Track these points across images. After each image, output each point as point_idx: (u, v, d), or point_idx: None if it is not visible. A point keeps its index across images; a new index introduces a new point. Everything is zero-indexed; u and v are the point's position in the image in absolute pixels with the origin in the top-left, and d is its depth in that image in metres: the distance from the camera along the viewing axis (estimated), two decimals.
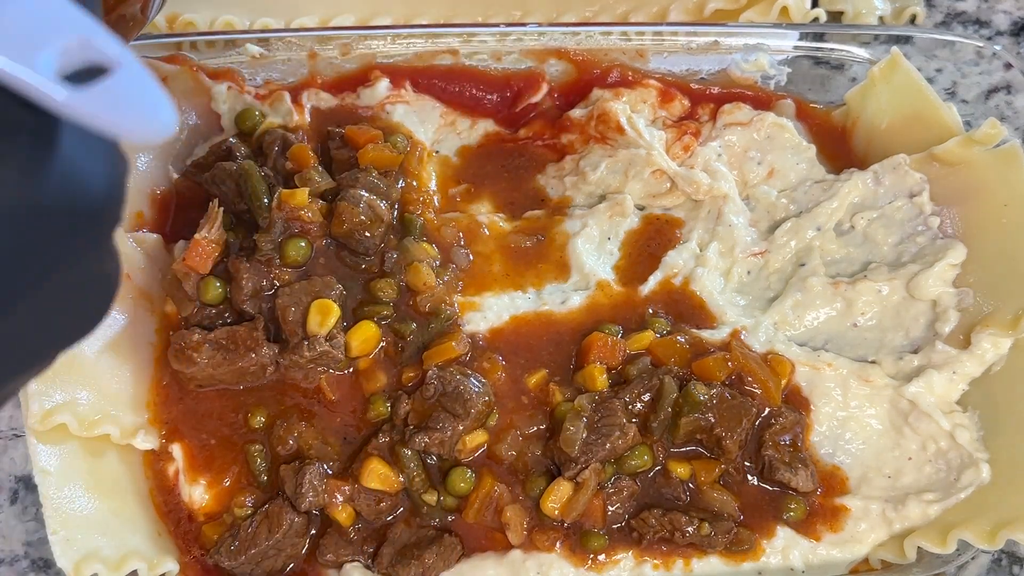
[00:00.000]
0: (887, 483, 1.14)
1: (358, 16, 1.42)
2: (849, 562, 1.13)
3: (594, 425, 1.09)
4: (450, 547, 1.08)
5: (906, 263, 1.21)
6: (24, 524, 1.20)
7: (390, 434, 1.11)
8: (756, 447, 1.13)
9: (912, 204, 1.24)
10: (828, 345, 1.21)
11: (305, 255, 1.14)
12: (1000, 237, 1.20)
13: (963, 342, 1.17)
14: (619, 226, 1.27)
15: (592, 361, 1.14)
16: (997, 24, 1.50)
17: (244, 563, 1.08)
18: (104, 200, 0.56)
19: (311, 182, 1.16)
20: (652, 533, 1.09)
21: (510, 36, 1.29)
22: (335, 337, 1.10)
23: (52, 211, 0.53)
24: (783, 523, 1.13)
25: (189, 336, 1.10)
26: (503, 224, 1.26)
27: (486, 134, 1.33)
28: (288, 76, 1.29)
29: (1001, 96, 1.38)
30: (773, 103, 1.33)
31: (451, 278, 1.19)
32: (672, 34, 1.31)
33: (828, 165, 1.31)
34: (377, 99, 1.28)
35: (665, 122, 1.32)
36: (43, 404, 1.06)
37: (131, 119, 0.54)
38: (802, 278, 1.22)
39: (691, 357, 1.15)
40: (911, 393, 1.14)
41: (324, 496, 1.08)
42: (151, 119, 0.54)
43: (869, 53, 1.33)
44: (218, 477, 1.13)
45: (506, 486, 1.10)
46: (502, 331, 1.18)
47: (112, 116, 0.53)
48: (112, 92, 0.54)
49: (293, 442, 1.12)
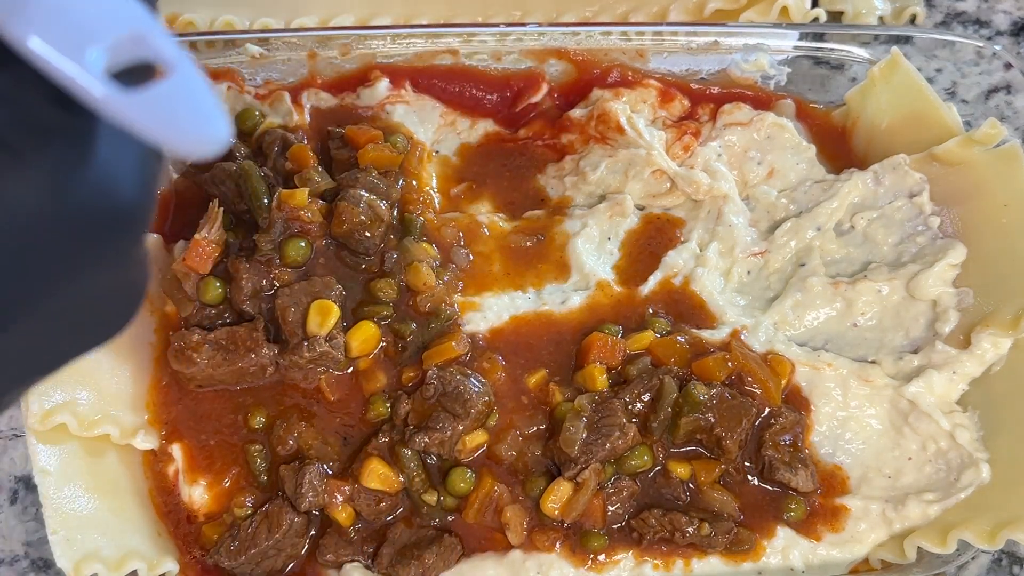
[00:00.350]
0: (887, 483, 1.14)
1: (358, 16, 1.42)
2: (849, 562, 1.13)
3: (594, 425, 1.09)
4: (450, 547, 1.08)
5: (906, 263, 1.21)
6: (24, 524, 1.20)
7: (390, 434, 1.11)
8: (756, 447, 1.13)
9: (912, 204, 1.24)
10: (828, 345, 1.21)
11: (305, 255, 1.14)
12: (1000, 237, 1.20)
13: (963, 342, 1.17)
14: (619, 226, 1.27)
15: (592, 361, 1.14)
16: (997, 24, 1.50)
17: (244, 563, 1.08)
18: (134, 208, 0.54)
19: (311, 182, 1.15)
20: (652, 533, 1.09)
21: (510, 36, 1.29)
22: (335, 338, 1.10)
23: (79, 218, 0.51)
24: (783, 523, 1.13)
25: (189, 336, 1.10)
26: (503, 224, 1.26)
27: (486, 134, 1.33)
28: (288, 76, 1.29)
29: (1001, 96, 1.38)
30: (773, 103, 1.33)
31: (451, 278, 1.19)
32: (672, 34, 1.31)
33: (828, 165, 1.31)
34: (377, 99, 1.28)
35: (665, 122, 1.32)
36: (43, 404, 1.06)
37: (181, 130, 0.50)
38: (802, 278, 1.22)
39: (691, 357, 1.15)
40: (911, 393, 1.14)
41: (324, 496, 1.08)
42: (202, 131, 0.51)
43: (869, 53, 1.33)
44: (218, 477, 1.13)
45: (506, 486, 1.10)
46: (502, 331, 1.18)
47: (160, 124, 0.50)
48: (164, 98, 0.50)
49: (293, 442, 1.12)
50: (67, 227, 0.51)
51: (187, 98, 0.51)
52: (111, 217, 0.53)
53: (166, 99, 0.50)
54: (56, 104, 0.50)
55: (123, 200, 0.53)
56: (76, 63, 0.48)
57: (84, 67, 0.48)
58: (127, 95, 0.49)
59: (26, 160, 0.49)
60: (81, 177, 0.50)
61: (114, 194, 0.52)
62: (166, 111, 0.50)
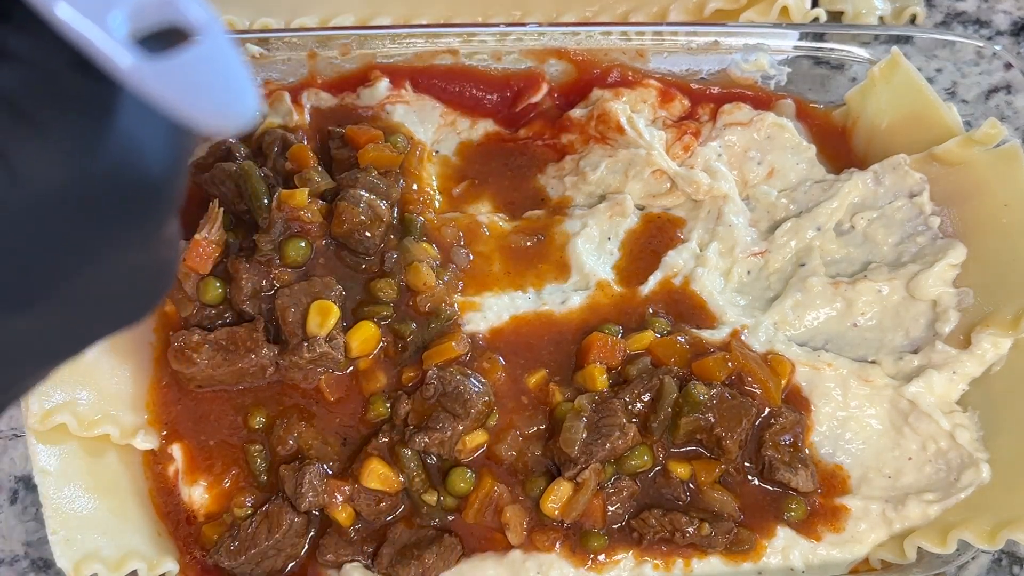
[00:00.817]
0: (887, 483, 1.14)
1: (358, 16, 1.42)
2: (849, 562, 1.13)
3: (594, 425, 1.09)
4: (450, 547, 1.08)
5: (906, 263, 1.21)
6: (24, 524, 1.20)
7: (390, 434, 1.11)
8: (756, 447, 1.13)
9: (912, 204, 1.24)
10: (828, 345, 1.21)
11: (305, 255, 1.14)
12: (1000, 237, 1.20)
13: (963, 342, 1.17)
14: (619, 226, 1.27)
15: (592, 361, 1.14)
16: (997, 24, 1.50)
17: (244, 563, 1.08)
18: (161, 183, 0.50)
19: (311, 182, 1.15)
20: (652, 533, 1.09)
21: (510, 36, 1.29)
22: (335, 338, 1.10)
23: (102, 193, 0.48)
24: (783, 523, 1.13)
25: (189, 336, 1.10)
26: (503, 224, 1.26)
27: (486, 134, 1.33)
28: (288, 76, 1.29)
29: (1001, 96, 1.38)
30: (773, 103, 1.33)
31: (451, 278, 1.19)
32: (672, 34, 1.31)
33: (828, 165, 1.31)
34: (377, 99, 1.28)
35: (665, 122, 1.32)
36: (43, 404, 1.06)
37: (206, 102, 0.46)
38: (802, 278, 1.22)
39: (691, 357, 1.15)
40: (911, 393, 1.14)
41: (324, 496, 1.08)
42: (229, 106, 0.47)
43: (869, 53, 1.32)
44: (218, 477, 1.13)
45: (506, 486, 1.10)
46: (502, 331, 1.18)
47: (185, 96, 0.45)
48: (190, 67, 0.46)
49: (293, 442, 1.12)
50: (89, 203, 0.48)
51: (215, 68, 0.47)
52: (137, 193, 0.49)
53: (192, 68, 0.46)
54: (77, 69, 0.46)
55: (150, 175, 0.49)
56: (98, 26, 0.44)
57: (106, 30, 0.44)
58: (150, 63, 0.45)
59: (45, 130, 0.46)
60: (104, 149, 0.47)
61: (140, 168, 0.48)
62: (191, 82, 0.46)
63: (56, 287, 0.50)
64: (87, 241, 0.49)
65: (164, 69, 0.45)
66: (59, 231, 0.48)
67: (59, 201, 0.47)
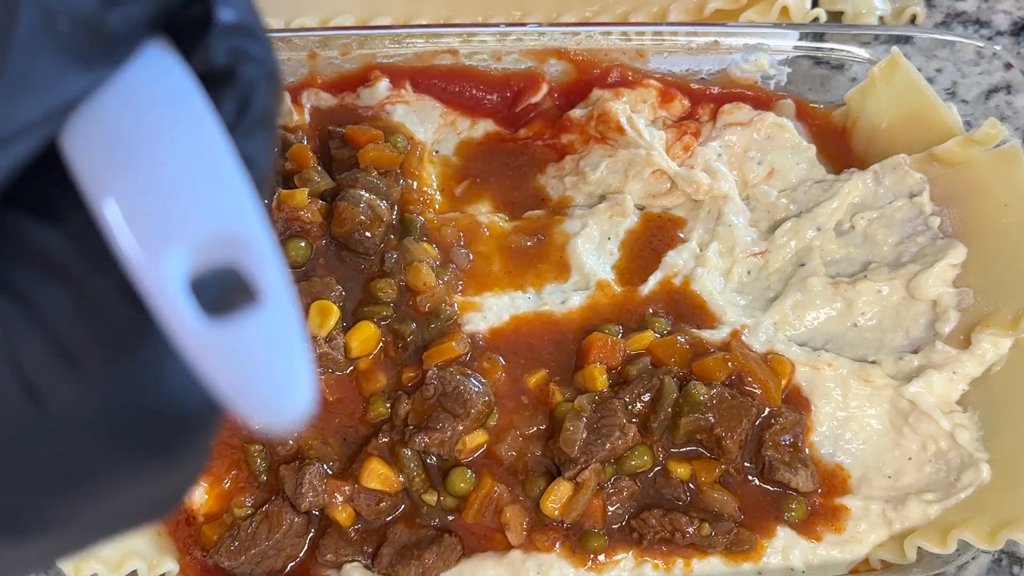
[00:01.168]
0: (887, 483, 1.14)
1: (358, 16, 1.42)
2: (849, 562, 1.13)
3: (594, 425, 1.09)
4: (450, 547, 1.08)
5: (906, 263, 1.21)
6: None
7: (390, 434, 1.11)
8: (756, 447, 1.13)
9: (912, 204, 1.24)
10: (828, 345, 1.21)
11: (305, 255, 1.14)
12: (1000, 237, 1.19)
13: (963, 342, 1.17)
14: (619, 226, 1.27)
15: (592, 361, 1.14)
16: (997, 24, 1.50)
17: (244, 563, 1.08)
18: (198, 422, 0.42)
19: (311, 182, 1.15)
20: (652, 533, 1.09)
21: (510, 36, 1.29)
22: (335, 338, 1.10)
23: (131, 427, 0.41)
24: (783, 523, 1.13)
25: None
26: (503, 224, 1.26)
27: (486, 134, 1.33)
28: (288, 76, 1.28)
29: (1001, 96, 1.38)
30: (773, 103, 1.33)
31: (451, 278, 1.19)
32: (672, 34, 1.31)
33: (828, 165, 1.31)
34: (377, 99, 1.28)
35: (665, 122, 1.32)
36: None
37: (254, 389, 0.36)
38: (802, 278, 1.22)
39: (691, 357, 1.15)
40: (911, 393, 1.14)
41: (324, 496, 1.08)
42: (278, 401, 0.37)
43: (869, 53, 1.32)
44: (218, 477, 1.12)
45: (506, 486, 1.10)
46: (502, 331, 1.18)
47: (231, 375, 0.36)
48: (245, 340, 0.35)
49: (293, 442, 1.12)
50: (117, 436, 0.41)
51: (274, 347, 0.36)
52: (171, 430, 0.42)
53: (248, 342, 0.35)
54: (124, 295, 0.38)
55: (188, 413, 0.42)
56: (153, 262, 0.35)
57: (160, 270, 0.35)
58: (208, 327, 0.35)
59: (82, 364, 0.39)
60: (142, 387, 0.40)
61: (178, 408, 0.41)
62: (243, 359, 0.35)
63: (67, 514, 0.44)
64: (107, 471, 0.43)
65: (218, 337, 0.35)
66: (79, 460, 0.42)
67: (84, 431, 0.41)
